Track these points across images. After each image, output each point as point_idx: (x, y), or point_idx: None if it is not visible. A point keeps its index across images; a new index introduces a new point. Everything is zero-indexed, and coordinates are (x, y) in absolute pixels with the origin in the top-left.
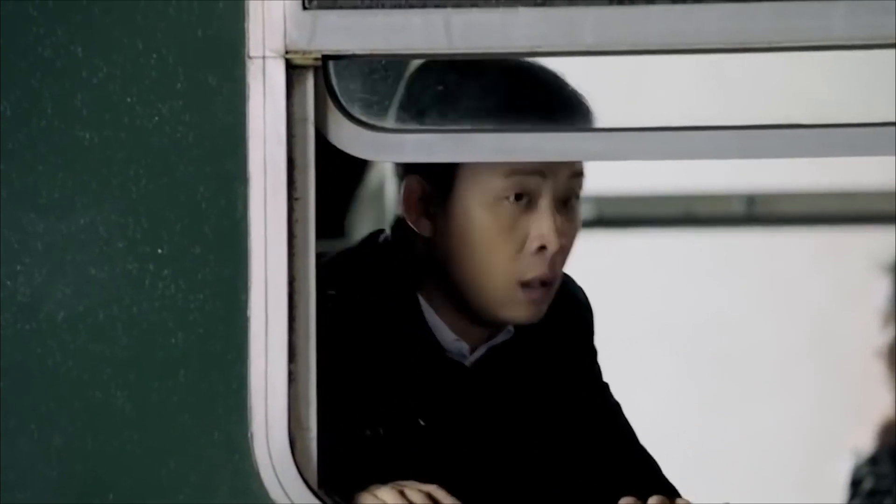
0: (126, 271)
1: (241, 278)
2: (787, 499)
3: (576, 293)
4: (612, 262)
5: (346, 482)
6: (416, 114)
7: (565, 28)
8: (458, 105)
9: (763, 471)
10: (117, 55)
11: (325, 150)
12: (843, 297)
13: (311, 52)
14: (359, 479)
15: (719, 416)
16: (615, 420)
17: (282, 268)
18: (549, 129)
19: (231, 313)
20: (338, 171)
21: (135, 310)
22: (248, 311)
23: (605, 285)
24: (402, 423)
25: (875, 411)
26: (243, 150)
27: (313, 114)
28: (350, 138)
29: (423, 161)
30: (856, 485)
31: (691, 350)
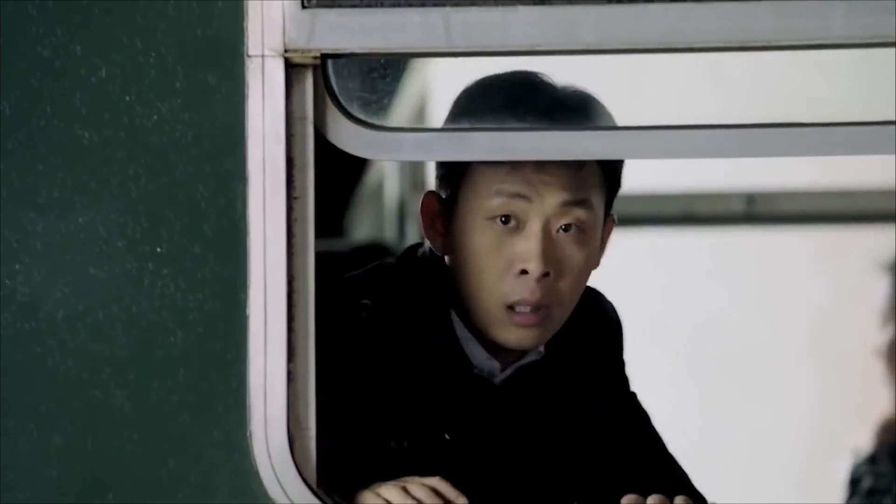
0: (125, 270)
1: (240, 277)
2: (787, 498)
3: (605, 309)
4: (612, 261)
5: (345, 481)
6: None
7: (565, 26)
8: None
9: (763, 470)
10: (117, 54)
11: (325, 149)
12: (843, 296)
13: (310, 51)
14: (359, 479)
15: (719, 416)
16: (643, 432)
17: (281, 267)
18: (549, 127)
19: (230, 312)
20: (337, 170)
21: (134, 309)
22: (248, 311)
23: (603, 284)
24: (427, 437)
25: (875, 410)
26: (242, 149)
27: (312, 113)
28: (349, 137)
29: (421, 160)
30: (854, 483)
31: (691, 349)
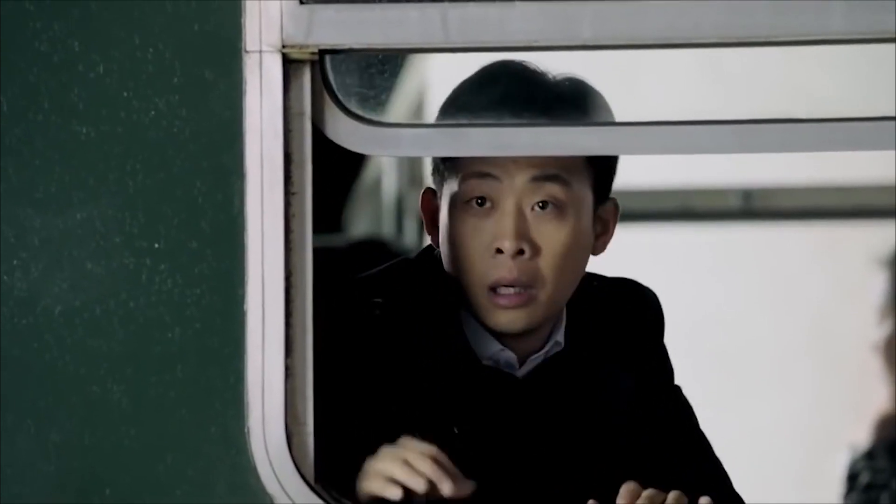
0: (123, 266)
1: (237, 273)
2: (785, 495)
3: (645, 299)
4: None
5: (343, 477)
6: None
7: (562, 22)
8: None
9: (761, 467)
10: (114, 50)
11: (322, 144)
12: (841, 292)
13: (307, 47)
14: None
15: (717, 412)
16: (681, 429)
17: (279, 262)
18: (546, 123)
19: (228, 308)
20: (335, 165)
21: (132, 304)
22: (245, 306)
23: None
24: (433, 431)
25: (873, 406)
26: (240, 144)
27: (310, 108)
28: (347, 133)
29: (419, 155)
30: (852, 479)
31: (688, 345)
